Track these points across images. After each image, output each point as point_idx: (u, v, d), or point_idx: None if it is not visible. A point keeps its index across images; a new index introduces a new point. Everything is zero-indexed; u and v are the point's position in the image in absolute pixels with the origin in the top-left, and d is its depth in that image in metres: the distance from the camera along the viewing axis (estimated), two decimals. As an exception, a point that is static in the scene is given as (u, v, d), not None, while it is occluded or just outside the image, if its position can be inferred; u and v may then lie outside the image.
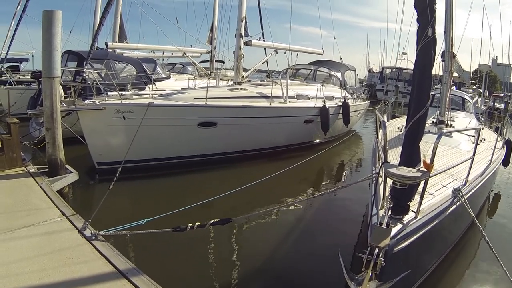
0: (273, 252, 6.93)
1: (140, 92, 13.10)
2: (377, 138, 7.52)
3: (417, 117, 4.91)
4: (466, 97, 15.18)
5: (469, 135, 9.67)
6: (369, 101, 22.31)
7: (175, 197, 9.27)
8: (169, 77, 18.74)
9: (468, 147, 8.59)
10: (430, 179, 4.36)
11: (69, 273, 4.40)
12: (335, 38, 22.41)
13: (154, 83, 15.10)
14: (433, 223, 4.72)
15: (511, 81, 58.89)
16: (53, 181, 7.99)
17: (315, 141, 15.34)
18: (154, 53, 22.12)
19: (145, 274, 4.44)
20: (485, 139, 10.15)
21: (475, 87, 40.71)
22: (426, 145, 6.59)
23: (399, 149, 5.55)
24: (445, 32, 10.33)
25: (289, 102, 13.71)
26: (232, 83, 15.94)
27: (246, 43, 15.92)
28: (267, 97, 13.19)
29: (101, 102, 10.16)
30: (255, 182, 6.94)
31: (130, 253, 5.30)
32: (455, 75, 13.11)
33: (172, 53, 22.87)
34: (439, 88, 12.22)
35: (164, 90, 14.21)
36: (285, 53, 18.46)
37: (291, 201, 9.27)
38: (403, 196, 4.45)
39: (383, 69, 52.65)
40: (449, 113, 10.96)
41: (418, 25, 5.25)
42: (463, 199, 5.08)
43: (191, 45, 22.92)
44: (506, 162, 10.68)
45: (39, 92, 15.63)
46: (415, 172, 4.24)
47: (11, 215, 6.08)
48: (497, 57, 55.36)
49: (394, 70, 47.72)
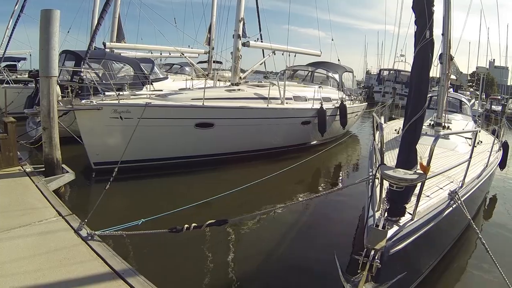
0: (269, 253, 6.91)
1: (137, 92, 13.06)
2: (374, 140, 7.53)
3: (414, 119, 4.92)
4: (463, 100, 15.18)
5: (466, 138, 9.67)
6: (366, 103, 22.35)
7: (172, 198, 9.25)
8: (166, 78, 18.74)
9: (465, 150, 8.59)
10: (426, 181, 4.33)
11: (65, 274, 4.38)
12: (333, 39, 22.45)
13: (151, 84, 15.07)
14: (430, 225, 4.70)
15: (508, 84, 59.09)
16: (49, 181, 7.96)
17: (312, 143, 15.32)
18: (152, 53, 22.10)
19: (141, 274, 4.43)
20: (482, 142, 10.15)
21: (472, 90, 40.79)
22: (423, 147, 6.59)
23: (396, 151, 5.54)
24: (443, 34, 10.33)
25: (287, 103, 13.73)
26: (229, 84, 15.93)
27: (244, 44, 15.89)
28: (264, 98, 13.19)
29: (98, 102, 10.13)
30: (251, 183, 6.98)
31: (126, 253, 5.29)
32: (453, 77, 13.12)
33: (170, 54, 22.82)
34: (436, 90, 12.22)
35: (161, 90, 14.21)
36: (282, 54, 18.43)
37: (287, 202, 9.29)
38: (399, 198, 4.43)
39: (380, 71, 52.76)
40: (446, 115, 10.96)
41: (416, 27, 5.26)
42: (459, 202, 5.08)
43: (189, 46, 22.93)
44: (502, 164, 10.69)
45: (36, 91, 15.56)
46: (411, 174, 4.22)
47: (7, 215, 6.04)
48: (494, 60, 55.63)
49: (391, 72, 47.79)
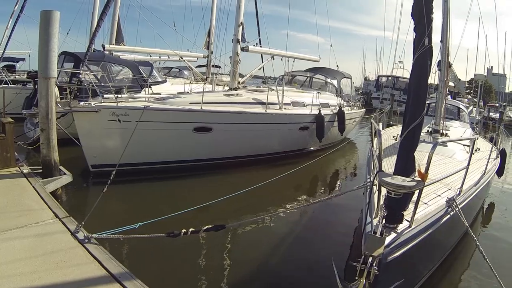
0: (266, 259, 6.91)
1: (136, 95, 13.05)
2: (372, 146, 7.53)
3: (413, 126, 4.90)
4: (461, 107, 15.21)
5: (464, 145, 9.68)
6: (365, 109, 22.35)
7: (169, 202, 9.24)
8: (165, 81, 18.70)
9: (462, 157, 8.60)
10: (424, 188, 4.32)
11: (61, 276, 4.35)
12: (331, 45, 22.48)
13: (150, 87, 15.06)
14: (427, 232, 4.71)
15: (506, 91, 59.23)
16: (46, 182, 7.93)
17: (310, 148, 15.33)
18: (150, 56, 22.06)
19: (138, 278, 4.41)
20: (479, 149, 10.17)
21: (470, 97, 40.85)
22: (421, 154, 6.59)
23: (394, 157, 5.53)
24: (441, 41, 10.34)
25: (285, 108, 13.74)
26: (228, 88, 15.94)
27: (243, 49, 15.93)
28: (262, 103, 13.21)
29: (96, 104, 10.12)
30: (249, 188, 6.94)
31: (123, 257, 5.27)
32: (451, 84, 13.13)
33: (168, 57, 22.75)
34: (434, 97, 12.23)
35: (160, 94, 14.15)
36: (281, 60, 18.48)
37: (285, 208, 9.33)
38: (397, 205, 4.42)
39: (379, 77, 52.88)
40: (444, 122, 10.98)
41: (415, 34, 5.25)
42: (457, 209, 5.08)
43: (188, 50, 22.96)
44: (500, 172, 10.72)
45: (35, 92, 15.51)
46: (409, 181, 4.20)
47: (3, 216, 6.02)
48: (492, 67, 55.72)
49: (390, 78, 47.89)
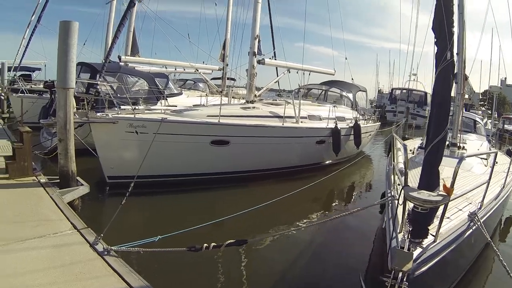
0: (285, 273, 6.84)
1: (152, 107, 13.07)
2: (394, 160, 7.44)
3: (437, 141, 4.90)
4: (477, 119, 15.05)
5: (481, 158, 9.57)
6: (380, 123, 22.18)
7: (187, 215, 9.22)
8: (181, 93, 18.74)
9: (481, 170, 8.50)
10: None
11: (80, 288, 4.32)
12: (346, 58, 22.34)
13: (166, 99, 15.08)
14: (451, 247, 4.69)
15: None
16: (64, 193, 7.93)
17: (326, 162, 15.17)
18: (166, 68, 22.14)
19: (159, 292, 4.36)
20: (497, 162, 10.05)
21: (484, 109, 40.49)
22: (440, 168, 6.52)
23: (413, 171, 5.48)
24: (457, 54, 10.27)
25: (301, 122, 13.67)
26: (244, 101, 15.91)
27: (259, 62, 15.88)
28: (279, 117, 13.13)
29: (114, 115, 10.16)
30: (267, 202, 6.93)
31: (143, 270, 5.20)
32: (466, 96, 13.01)
33: (184, 69, 22.84)
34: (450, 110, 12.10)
35: (175, 106, 14.20)
36: (297, 73, 18.46)
37: (303, 222, 9.27)
38: (423, 220, 4.42)
39: (393, 90, 52.48)
40: (461, 135, 10.86)
41: (436, 48, 5.23)
42: (479, 223, 5.06)
43: (204, 62, 23.01)
44: None
45: (51, 102, 15.71)
46: (435, 196, 4.18)
47: (21, 225, 6.02)
48: (506, 78, 55.26)
49: (403, 91, 47.61)
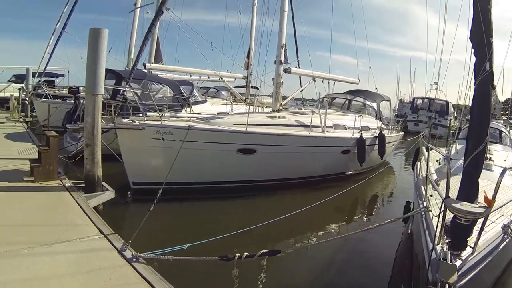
0: (313, 283, 6.78)
1: (177, 114, 13.07)
2: (422, 171, 7.30)
3: (477, 153, 4.85)
4: (502, 129, 14.76)
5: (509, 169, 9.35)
6: (403, 133, 21.87)
7: (213, 222, 9.16)
8: (205, 101, 18.77)
9: (509, 182, 8.32)
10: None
11: (110, 295, 4.21)
12: (370, 67, 22.28)
13: (191, 106, 15.07)
14: (488, 259, 4.71)
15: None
16: (89, 197, 7.87)
17: (350, 172, 15.03)
18: (191, 76, 22.21)
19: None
20: None
21: (505, 118, 39.86)
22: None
23: (442, 182, 5.41)
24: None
25: (327, 131, 13.56)
26: (270, 110, 15.91)
27: (285, 71, 15.87)
28: (306, 126, 13.03)
29: (140, 122, 10.19)
30: (294, 212, 6.77)
31: (172, 278, 5.08)
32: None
33: (208, 77, 22.93)
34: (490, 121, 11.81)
35: (200, 113, 14.23)
36: (322, 82, 18.36)
37: (333, 233, 9.29)
38: (463, 231, 4.45)
39: (414, 99, 51.89)
40: (488, 146, 10.61)
41: (475, 58, 5.16)
42: None
43: (228, 70, 23.07)
44: None
45: (75, 107, 15.84)
46: (477, 208, 4.18)
47: (47, 229, 5.96)
48: (527, 85, 54.27)
49: (425, 100, 47.18)
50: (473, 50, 5.23)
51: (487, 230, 5.28)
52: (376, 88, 21.35)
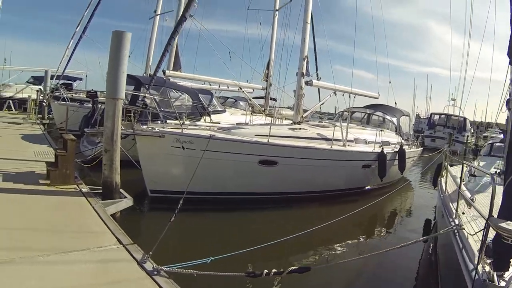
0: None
1: (198, 123, 12.93)
2: (459, 188, 7.01)
3: None
4: None
5: None
6: (422, 148, 21.48)
7: (234, 234, 9.01)
8: (224, 111, 18.59)
9: None
10: None
11: (130, 309, 3.97)
12: (390, 82, 22.01)
13: (209, 115, 14.91)
14: None
15: None
16: (106, 204, 7.66)
17: (370, 187, 14.79)
18: (210, 85, 22.08)
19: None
20: None
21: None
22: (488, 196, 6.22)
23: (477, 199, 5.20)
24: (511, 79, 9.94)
25: (348, 145, 13.37)
26: (289, 122, 15.76)
27: (306, 83, 15.71)
28: (327, 139, 12.84)
29: (161, 129, 10.04)
30: (317, 227, 6.65)
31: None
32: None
33: (228, 87, 22.82)
34: (494, 136, 11.64)
35: (219, 123, 14.11)
36: (343, 95, 18.11)
37: (357, 250, 9.09)
38: (507, 251, 4.17)
39: (431, 115, 51.56)
40: None
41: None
42: None
43: (247, 81, 22.92)
44: None
45: (93, 111, 15.76)
46: None
47: (63, 236, 5.77)
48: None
49: (442, 116, 46.85)
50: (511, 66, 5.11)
51: None
52: (395, 103, 21.15)
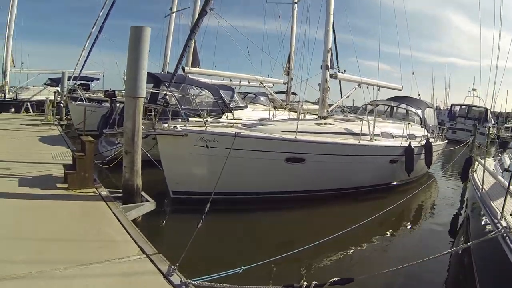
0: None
1: (219, 120, 12.56)
2: (510, 184, 6.42)
3: None
4: None
5: None
6: (446, 141, 20.83)
7: (264, 238, 8.61)
8: (246, 107, 18.26)
9: None
10: None
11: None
12: (414, 73, 21.21)
13: (231, 112, 14.53)
14: None
15: None
16: (127, 209, 7.26)
17: (396, 182, 14.37)
18: (231, 80, 21.75)
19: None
20: None
21: None
22: None
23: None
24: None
25: (375, 140, 12.97)
26: (313, 116, 15.51)
27: (331, 76, 15.31)
28: (354, 134, 12.49)
29: (183, 128, 9.72)
30: (347, 229, 6.36)
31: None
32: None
33: (249, 82, 22.48)
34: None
35: (241, 119, 13.85)
36: (367, 88, 17.65)
37: (398, 257, 8.35)
38: None
39: (452, 106, 50.56)
40: None
41: None
42: None
43: (268, 75, 22.55)
44: None
45: (111, 111, 15.49)
46: None
47: (82, 245, 5.38)
48: None
49: (463, 107, 45.87)
50: None
51: None
52: (419, 94, 20.63)
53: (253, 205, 10.41)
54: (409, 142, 13.77)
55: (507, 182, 7.61)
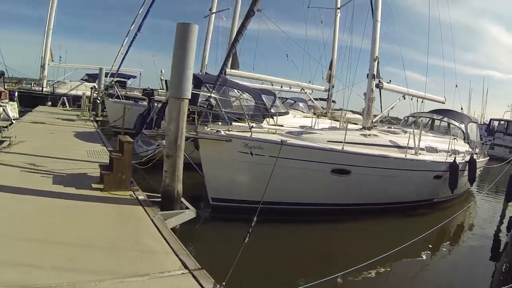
0: None
1: (262, 125, 12.17)
2: None
3: None
4: None
5: None
6: (488, 157, 19.98)
7: (314, 253, 8.05)
8: (287, 112, 17.79)
9: None
10: None
11: None
12: (457, 86, 20.56)
13: (272, 117, 14.10)
14: None
15: None
16: (167, 216, 6.84)
17: (438, 199, 13.75)
18: (272, 85, 21.35)
19: None
20: None
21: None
22: None
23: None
24: None
25: (420, 154, 12.44)
26: (357, 127, 14.99)
27: (377, 85, 14.79)
28: (400, 147, 12.01)
29: (227, 133, 9.32)
30: (395, 249, 6.43)
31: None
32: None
33: (290, 87, 22.07)
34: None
35: (282, 125, 13.43)
36: (411, 99, 17.06)
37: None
38: None
39: (491, 120, 49.16)
40: None
41: None
42: None
43: (310, 81, 22.05)
44: None
45: (149, 110, 15.24)
46: None
47: (118, 255, 5.00)
48: None
49: (501, 122, 44.45)
50: None
51: None
52: (461, 108, 19.84)
53: (297, 216, 10.12)
54: (454, 157, 13.21)
55: None
